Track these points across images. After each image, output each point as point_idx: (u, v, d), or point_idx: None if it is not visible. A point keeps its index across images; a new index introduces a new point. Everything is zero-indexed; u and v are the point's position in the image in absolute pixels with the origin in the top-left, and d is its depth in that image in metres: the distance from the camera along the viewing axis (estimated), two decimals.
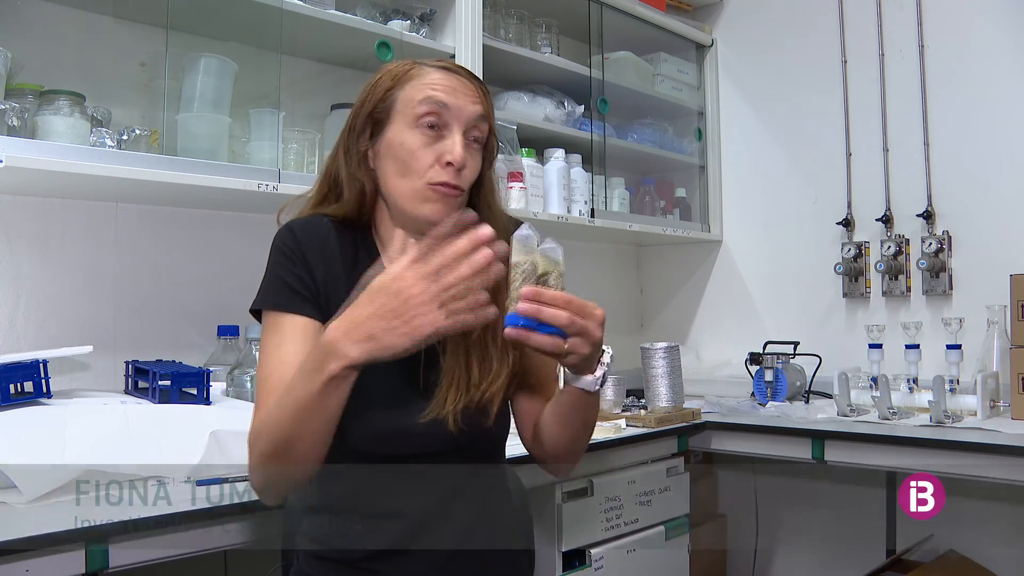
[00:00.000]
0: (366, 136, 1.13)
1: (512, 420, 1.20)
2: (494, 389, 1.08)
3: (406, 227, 1.12)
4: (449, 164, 1.08)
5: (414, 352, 0.92)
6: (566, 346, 0.94)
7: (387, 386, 1.08)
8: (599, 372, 1.01)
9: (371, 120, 1.13)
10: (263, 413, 1.02)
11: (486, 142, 1.15)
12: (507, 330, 0.93)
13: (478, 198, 1.17)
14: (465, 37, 2.09)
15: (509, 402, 1.20)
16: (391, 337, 0.89)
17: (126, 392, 1.67)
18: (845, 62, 2.64)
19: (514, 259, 0.97)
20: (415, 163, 1.08)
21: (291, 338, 1.06)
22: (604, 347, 1.01)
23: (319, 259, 1.10)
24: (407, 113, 1.10)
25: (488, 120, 1.13)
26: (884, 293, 2.54)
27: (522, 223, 1.21)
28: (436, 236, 0.90)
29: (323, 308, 1.08)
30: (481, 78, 1.19)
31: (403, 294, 0.89)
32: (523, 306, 0.92)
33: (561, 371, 1.03)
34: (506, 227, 1.16)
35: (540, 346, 0.94)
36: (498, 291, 0.99)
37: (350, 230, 1.14)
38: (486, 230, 0.90)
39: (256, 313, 1.11)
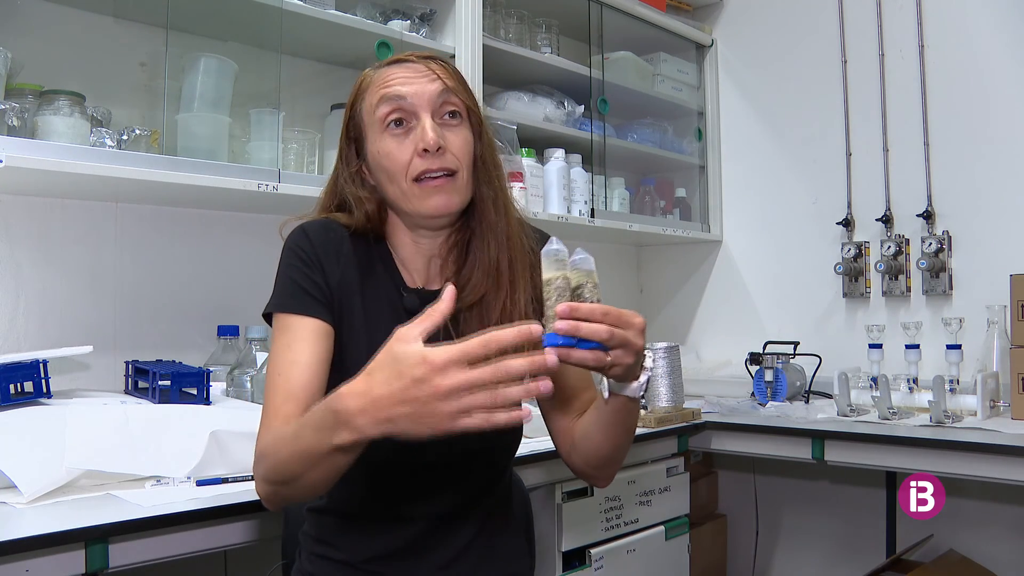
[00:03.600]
0: (353, 155, 1.13)
1: (523, 433, 1.19)
2: None
3: (418, 227, 1.11)
4: (425, 151, 1.04)
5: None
6: (609, 359, 0.91)
7: None
8: (643, 378, 0.98)
9: (351, 140, 1.13)
10: (270, 436, 0.98)
11: (470, 115, 1.11)
12: (546, 351, 0.88)
13: (476, 177, 1.12)
14: (465, 37, 2.09)
15: (543, 419, 1.19)
16: (411, 425, 0.81)
17: (126, 392, 1.67)
18: (845, 62, 2.64)
19: (545, 276, 0.94)
20: (395, 165, 1.06)
21: (302, 339, 1.04)
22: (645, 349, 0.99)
23: (335, 265, 1.09)
24: (373, 122, 1.08)
25: (456, 92, 1.09)
26: (884, 293, 2.54)
27: (535, 228, 1.21)
28: (490, 343, 0.80)
29: (335, 313, 1.07)
30: (459, 67, 1.13)
31: (431, 385, 0.78)
32: (560, 324, 0.88)
33: (604, 380, 1.00)
34: (518, 220, 1.15)
35: (582, 362, 0.91)
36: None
37: (363, 239, 1.13)
38: (537, 328, 0.80)
39: (268, 317, 1.09)
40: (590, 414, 1.10)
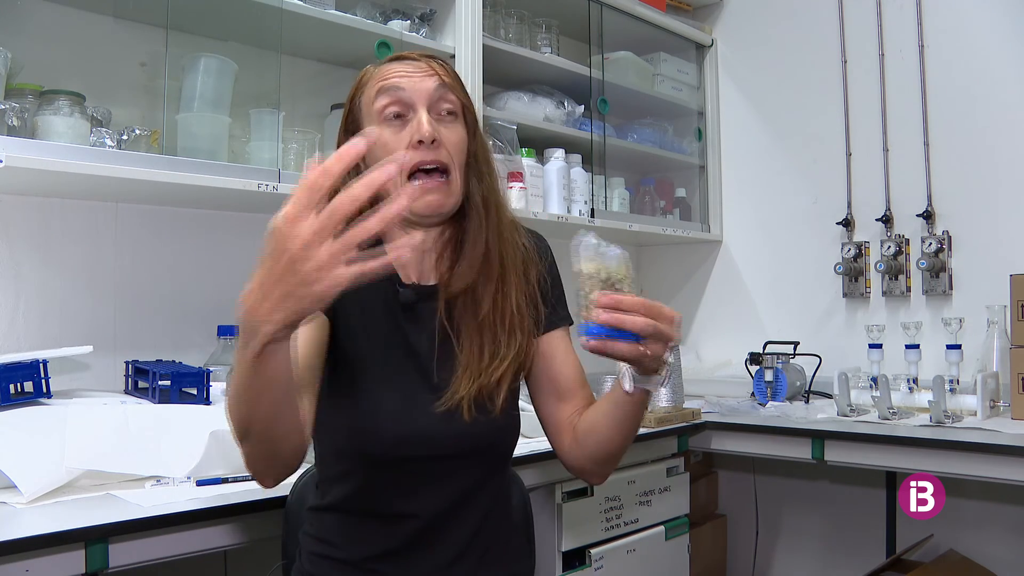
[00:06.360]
0: None
1: (521, 428, 1.18)
2: (501, 371, 1.07)
3: (411, 224, 1.11)
4: (420, 143, 1.05)
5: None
6: (643, 350, 0.92)
7: (401, 388, 1.07)
8: (664, 372, 1.00)
9: (349, 133, 1.13)
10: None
11: (465, 113, 1.12)
12: (588, 342, 0.91)
13: (469, 175, 1.12)
14: (465, 37, 2.09)
15: (538, 417, 1.19)
16: (296, 302, 0.78)
17: (126, 392, 1.67)
18: (845, 62, 2.64)
19: (585, 268, 0.95)
20: (390, 155, 1.05)
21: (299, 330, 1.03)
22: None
23: None
24: (371, 113, 1.09)
25: (453, 90, 1.10)
26: (884, 293, 2.54)
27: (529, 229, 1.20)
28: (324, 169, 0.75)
29: (330, 308, 1.06)
30: (467, 71, 1.12)
31: (297, 255, 0.75)
32: (605, 316, 0.90)
33: (626, 373, 1.00)
34: (510, 219, 1.15)
35: (622, 354, 0.92)
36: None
37: None
38: (360, 146, 0.76)
39: None
40: (603, 408, 1.10)
